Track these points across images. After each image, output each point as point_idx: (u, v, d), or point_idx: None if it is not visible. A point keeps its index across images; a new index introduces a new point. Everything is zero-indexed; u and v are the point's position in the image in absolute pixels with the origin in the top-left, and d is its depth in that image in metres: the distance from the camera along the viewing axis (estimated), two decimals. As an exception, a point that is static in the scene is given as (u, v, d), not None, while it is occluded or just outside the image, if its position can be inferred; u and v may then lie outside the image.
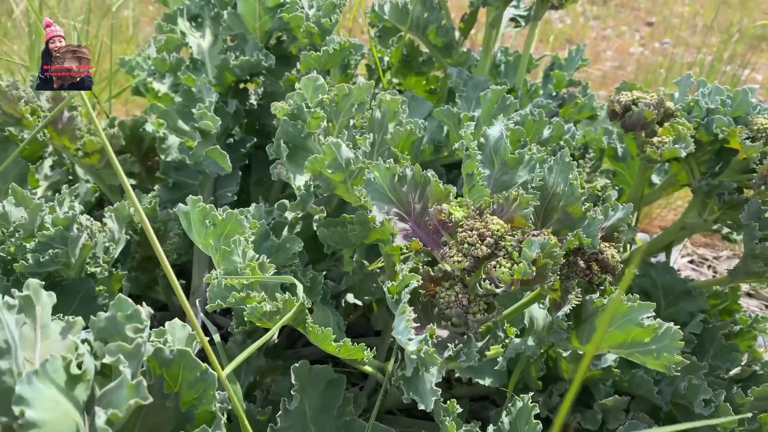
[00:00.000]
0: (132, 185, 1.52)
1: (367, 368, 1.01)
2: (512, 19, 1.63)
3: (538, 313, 0.95)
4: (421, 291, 0.79)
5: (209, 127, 1.20)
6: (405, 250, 0.82)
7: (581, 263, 0.84)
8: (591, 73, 4.40)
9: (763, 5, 6.20)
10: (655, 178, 1.36)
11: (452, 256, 0.77)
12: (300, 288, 0.80)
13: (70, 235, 1.01)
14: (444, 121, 1.31)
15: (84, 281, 1.06)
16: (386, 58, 1.71)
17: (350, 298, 1.20)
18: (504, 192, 0.82)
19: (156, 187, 1.37)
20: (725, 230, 1.26)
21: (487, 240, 0.76)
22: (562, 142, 1.32)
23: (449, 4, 1.57)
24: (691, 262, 2.23)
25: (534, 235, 0.77)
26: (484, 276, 0.76)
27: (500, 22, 1.55)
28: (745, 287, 2.10)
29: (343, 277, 1.22)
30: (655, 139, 1.15)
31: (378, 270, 1.23)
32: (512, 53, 1.75)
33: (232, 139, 1.43)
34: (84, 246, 1.08)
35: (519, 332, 0.94)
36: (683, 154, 1.07)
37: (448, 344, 0.72)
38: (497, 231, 0.77)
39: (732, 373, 1.10)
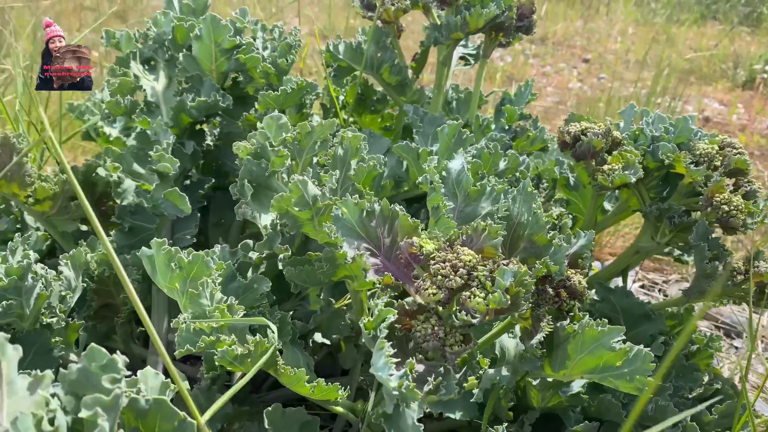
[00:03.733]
0: (84, 232, 1.48)
1: (339, 409, 0.99)
2: (462, 58, 1.69)
3: (508, 342, 0.96)
4: (396, 325, 0.79)
5: (167, 169, 1.18)
6: (377, 286, 0.82)
7: (550, 291, 0.85)
8: (534, 108, 4.56)
9: (688, 41, 6.60)
10: (607, 206, 1.40)
11: (427, 289, 0.77)
12: (274, 329, 0.79)
13: (25, 285, 0.96)
14: (403, 156, 1.33)
15: (39, 333, 1.02)
16: (341, 97, 1.73)
17: (318, 337, 1.18)
18: (473, 223, 0.83)
19: (112, 232, 1.33)
20: (677, 252, 1.31)
21: (460, 271, 0.77)
22: (518, 174, 1.36)
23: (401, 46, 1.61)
24: (643, 287, 2.30)
25: (504, 265, 0.78)
26: (458, 307, 0.77)
27: (450, 61, 1.60)
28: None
29: (309, 317, 1.21)
30: (605, 167, 1.19)
31: (345, 307, 1.22)
32: (463, 90, 1.80)
33: (189, 181, 1.41)
34: (39, 296, 1.03)
35: (491, 363, 0.94)
36: (633, 179, 1.12)
37: (427, 378, 0.72)
38: (469, 262, 0.78)
39: (696, 392, 1.13)
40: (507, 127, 1.42)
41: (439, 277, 0.77)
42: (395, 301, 0.78)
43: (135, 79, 1.39)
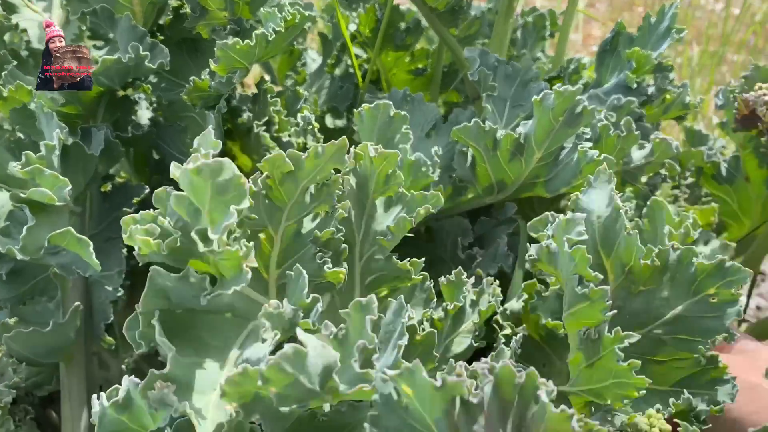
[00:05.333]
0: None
1: None
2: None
3: None
4: None
5: (50, 198, 0.63)
6: None
7: None
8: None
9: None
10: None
11: None
12: None
13: None
14: (469, 144, 0.78)
15: None
16: (351, 26, 1.14)
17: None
18: None
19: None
20: None
21: None
22: (663, 171, 0.82)
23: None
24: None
25: None
26: None
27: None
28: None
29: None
30: None
31: None
32: (530, 12, 1.21)
33: (110, 186, 0.85)
34: None
35: None
36: None
37: None
38: None
39: None
40: (635, 86, 0.85)
41: None
42: None
43: (8, 11, 0.81)
